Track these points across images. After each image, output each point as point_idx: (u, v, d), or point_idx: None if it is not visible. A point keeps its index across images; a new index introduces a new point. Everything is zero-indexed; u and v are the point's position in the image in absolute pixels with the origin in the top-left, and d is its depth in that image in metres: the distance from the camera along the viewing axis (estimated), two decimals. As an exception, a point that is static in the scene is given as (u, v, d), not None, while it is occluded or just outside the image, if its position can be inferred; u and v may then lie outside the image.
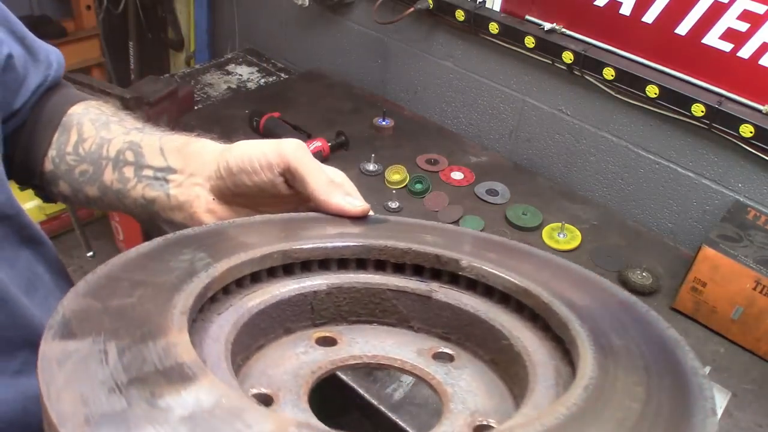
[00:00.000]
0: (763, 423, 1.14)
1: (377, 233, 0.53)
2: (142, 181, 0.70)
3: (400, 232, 0.54)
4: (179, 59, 2.77)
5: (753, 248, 1.28)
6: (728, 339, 1.29)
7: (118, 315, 0.38)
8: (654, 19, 1.43)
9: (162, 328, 0.37)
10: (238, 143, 0.64)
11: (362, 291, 0.50)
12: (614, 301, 0.47)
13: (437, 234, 0.55)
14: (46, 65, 0.76)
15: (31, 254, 0.71)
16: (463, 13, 1.69)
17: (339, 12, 2.08)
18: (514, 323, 0.47)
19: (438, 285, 0.51)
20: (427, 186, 1.61)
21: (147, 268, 0.44)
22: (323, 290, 0.50)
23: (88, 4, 2.57)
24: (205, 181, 0.65)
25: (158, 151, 0.70)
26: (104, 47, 2.70)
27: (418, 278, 0.51)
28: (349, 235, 0.52)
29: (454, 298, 0.50)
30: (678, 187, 1.57)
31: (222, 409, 0.31)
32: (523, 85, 1.74)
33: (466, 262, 0.49)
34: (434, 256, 0.50)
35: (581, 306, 0.45)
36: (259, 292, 0.48)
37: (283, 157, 0.60)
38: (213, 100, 2.06)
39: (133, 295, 0.40)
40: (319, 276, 0.50)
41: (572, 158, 1.73)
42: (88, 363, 0.33)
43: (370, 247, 0.50)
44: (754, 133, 1.34)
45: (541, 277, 0.49)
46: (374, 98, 2.01)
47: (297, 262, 0.50)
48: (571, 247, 1.48)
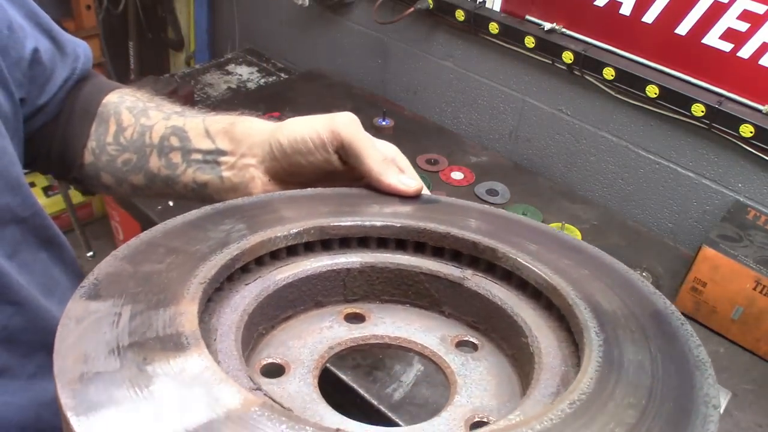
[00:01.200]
0: (763, 423, 1.14)
1: (423, 214, 0.52)
2: (191, 165, 0.68)
3: (447, 214, 0.53)
4: (179, 59, 2.76)
5: (753, 248, 1.28)
6: (728, 339, 1.29)
7: (143, 280, 0.40)
8: (654, 19, 1.43)
9: (176, 296, 0.38)
10: (288, 122, 0.63)
11: (395, 272, 0.50)
12: (648, 310, 0.44)
13: (484, 219, 0.53)
14: (73, 58, 0.75)
15: (49, 256, 0.70)
16: (463, 13, 1.69)
17: (339, 12, 2.08)
18: (538, 321, 0.46)
19: (472, 272, 0.50)
20: (427, 186, 1.60)
21: (186, 235, 0.45)
22: (356, 268, 0.49)
23: (88, 4, 2.57)
24: (258, 163, 0.64)
25: (204, 133, 0.68)
26: (104, 47, 2.70)
27: (455, 264, 0.50)
28: (394, 214, 0.52)
29: (485, 288, 0.49)
30: (678, 187, 1.57)
31: (200, 380, 0.33)
32: (523, 85, 1.74)
33: (502, 251, 0.48)
34: (472, 242, 0.49)
35: (608, 311, 0.43)
36: (292, 266, 0.48)
37: (336, 134, 0.59)
38: (213, 100, 2.06)
39: (164, 261, 0.42)
40: (356, 253, 0.50)
41: (572, 158, 1.73)
42: (101, 324, 0.36)
43: (409, 228, 0.50)
44: (754, 133, 1.34)
45: (579, 275, 0.47)
46: (374, 98, 2.01)
47: (335, 239, 0.49)
48: (571, 247, 1.48)
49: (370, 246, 0.51)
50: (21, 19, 0.68)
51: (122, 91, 0.78)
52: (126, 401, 0.32)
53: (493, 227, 0.52)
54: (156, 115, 0.73)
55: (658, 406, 0.36)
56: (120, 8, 2.65)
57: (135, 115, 0.73)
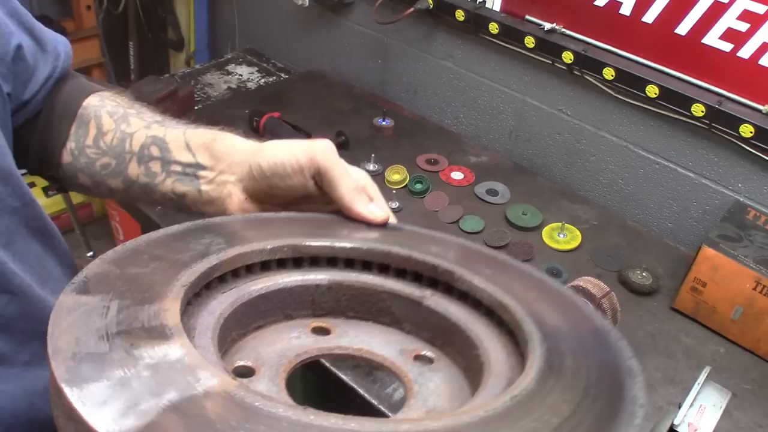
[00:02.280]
0: (763, 423, 1.14)
1: (388, 239, 0.57)
2: (171, 176, 0.70)
3: (410, 240, 0.58)
4: (179, 59, 2.77)
5: (753, 248, 1.28)
6: (728, 339, 1.29)
7: (129, 280, 0.44)
8: (654, 19, 1.43)
9: (161, 295, 0.42)
10: (268, 144, 0.65)
11: (360, 290, 0.54)
12: (588, 327, 0.49)
13: (444, 246, 0.58)
14: (54, 56, 0.76)
15: (42, 247, 0.71)
16: (463, 13, 1.69)
17: (339, 12, 2.08)
18: (489, 336, 0.51)
19: (431, 293, 0.54)
20: (427, 186, 1.61)
21: (168, 246, 0.49)
22: (324, 285, 0.54)
23: (88, 4, 2.57)
24: (237, 180, 0.67)
25: (184, 146, 0.70)
26: (104, 47, 2.70)
27: (416, 284, 0.55)
28: (362, 238, 0.57)
29: (443, 307, 0.53)
30: (678, 187, 1.57)
31: (182, 363, 0.36)
32: (523, 85, 1.74)
33: (459, 274, 0.53)
34: (432, 265, 0.54)
35: (552, 326, 0.47)
36: (265, 279, 0.52)
37: (315, 161, 0.62)
38: (213, 100, 2.06)
39: (149, 266, 0.46)
40: (325, 272, 0.54)
41: (572, 158, 1.73)
42: (91, 314, 0.39)
43: (374, 250, 0.55)
44: (754, 133, 1.34)
45: (527, 296, 0.51)
46: (374, 98, 2.01)
47: (306, 257, 0.54)
48: (571, 247, 1.48)
49: (338, 266, 0.55)
50: (3, 16, 0.68)
51: (102, 94, 0.79)
52: (115, 377, 0.35)
53: (451, 253, 0.57)
54: (136, 123, 0.74)
55: (590, 403, 0.39)
56: (120, 8, 2.65)
57: (115, 121, 0.75)
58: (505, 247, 1.46)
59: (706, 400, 0.87)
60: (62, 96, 0.76)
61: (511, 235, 1.48)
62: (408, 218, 1.53)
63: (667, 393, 1.17)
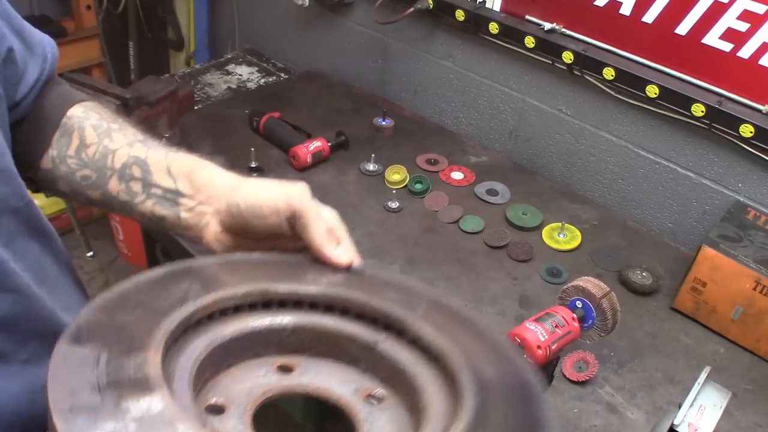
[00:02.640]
0: (763, 423, 1.14)
1: (350, 284, 0.63)
2: (151, 198, 0.73)
3: (370, 285, 0.63)
4: (179, 59, 2.76)
5: (753, 248, 1.28)
6: (728, 339, 1.29)
7: (117, 330, 0.48)
8: (654, 19, 1.43)
9: (144, 345, 0.47)
10: (246, 183, 0.69)
11: (322, 332, 0.59)
12: (517, 380, 0.55)
13: (402, 293, 0.63)
14: (42, 58, 0.77)
15: (39, 246, 0.72)
16: (463, 13, 1.69)
17: (339, 12, 2.08)
18: (434, 381, 0.55)
19: (385, 336, 0.59)
20: (427, 186, 1.61)
21: (150, 292, 0.54)
22: (290, 327, 0.59)
23: (88, 4, 2.56)
24: (214, 212, 0.70)
25: (165, 170, 0.72)
26: (104, 47, 2.70)
27: (372, 328, 0.60)
28: (327, 283, 0.62)
29: (394, 351, 0.58)
30: (678, 187, 1.57)
31: (163, 416, 0.41)
32: (523, 85, 1.74)
33: (411, 322, 0.58)
34: (386, 313, 0.59)
35: (487, 378, 0.53)
36: (236, 322, 0.57)
37: (291, 204, 0.65)
38: (213, 100, 2.06)
39: (134, 314, 0.50)
40: (291, 314, 0.59)
41: (572, 158, 1.73)
42: (84, 365, 0.44)
43: (336, 296, 0.60)
44: (754, 133, 1.34)
45: (471, 346, 0.56)
46: (374, 98, 2.01)
47: (274, 301, 0.59)
48: (571, 247, 1.48)
49: (303, 308, 0.60)
50: None
51: (86, 105, 0.80)
52: (107, 430, 0.40)
53: (407, 299, 0.62)
54: (119, 140, 0.76)
55: None
56: (120, 8, 2.65)
57: (98, 135, 0.76)
58: (505, 247, 1.46)
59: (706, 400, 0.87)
60: (47, 102, 0.77)
61: (511, 235, 1.48)
62: (408, 218, 1.53)
63: (667, 393, 1.17)
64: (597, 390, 1.16)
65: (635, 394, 1.16)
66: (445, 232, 1.50)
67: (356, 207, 1.55)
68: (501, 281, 1.38)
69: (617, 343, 1.26)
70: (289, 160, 1.66)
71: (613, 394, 1.16)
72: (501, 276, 1.39)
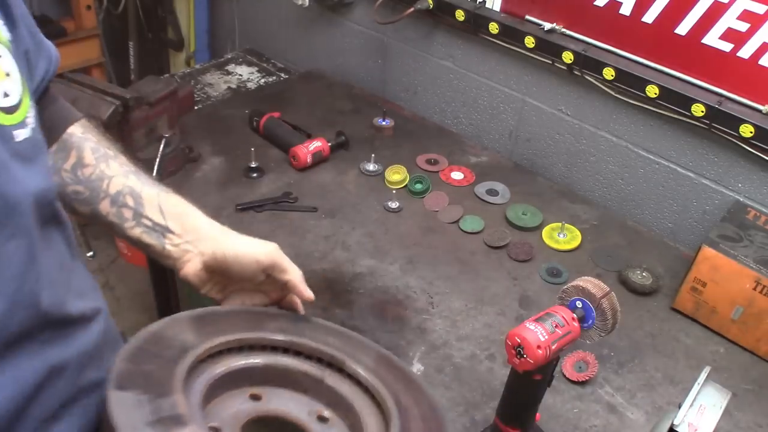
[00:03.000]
0: (763, 423, 1.14)
1: (305, 332, 0.83)
2: (140, 226, 0.84)
3: (319, 334, 0.83)
4: (179, 59, 2.76)
5: (753, 248, 1.28)
6: (728, 339, 1.29)
7: (145, 377, 0.64)
8: (654, 19, 1.43)
9: (170, 389, 0.64)
10: (231, 237, 0.85)
11: (282, 369, 0.78)
12: (426, 404, 0.77)
13: (344, 341, 0.84)
14: (47, 59, 0.79)
15: (59, 235, 0.74)
16: (463, 13, 1.69)
17: (339, 12, 2.08)
18: (367, 407, 0.76)
19: (330, 372, 0.79)
20: (427, 186, 1.61)
21: (159, 343, 0.71)
22: (260, 366, 0.77)
23: (88, 4, 2.56)
24: (198, 253, 0.84)
25: (157, 208, 0.84)
26: (104, 47, 2.70)
27: (320, 365, 0.80)
28: (287, 331, 0.81)
29: (336, 383, 0.78)
30: (678, 187, 1.57)
31: None
32: (523, 85, 1.74)
33: (349, 364, 0.79)
34: (330, 354, 0.80)
35: (404, 404, 0.75)
36: (224, 362, 0.75)
37: (271, 257, 0.83)
38: (213, 100, 2.06)
39: (153, 363, 0.67)
40: (261, 356, 0.78)
41: (572, 158, 1.73)
42: (134, 407, 0.60)
43: (295, 342, 0.80)
44: (754, 133, 1.34)
45: (389, 379, 0.78)
46: (374, 98, 2.01)
47: (249, 346, 0.78)
48: (571, 247, 1.48)
49: (268, 351, 0.79)
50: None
51: (84, 125, 0.87)
52: None
53: (347, 346, 0.83)
54: (116, 168, 0.85)
55: None
56: (120, 8, 2.65)
57: (96, 158, 0.84)
58: (505, 247, 1.46)
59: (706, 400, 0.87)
60: (48, 114, 0.80)
61: (511, 235, 1.48)
62: (408, 218, 1.53)
63: (667, 393, 1.17)
64: (597, 390, 1.16)
65: (635, 394, 1.16)
66: (445, 232, 1.50)
67: (356, 207, 1.55)
68: (501, 281, 1.38)
69: (617, 343, 1.26)
70: (289, 160, 1.66)
71: (613, 394, 1.16)
72: (501, 276, 1.39)
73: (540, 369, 0.88)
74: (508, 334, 0.87)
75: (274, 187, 1.59)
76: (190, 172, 1.61)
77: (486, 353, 1.21)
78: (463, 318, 1.28)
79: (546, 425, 1.08)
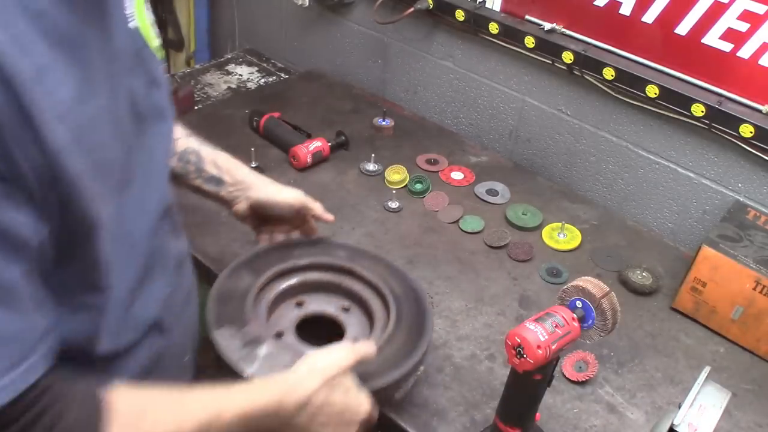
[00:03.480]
0: (763, 423, 1.14)
1: (322, 251, 1.16)
2: (200, 177, 1.08)
3: (332, 249, 1.17)
4: (179, 59, 2.76)
5: (753, 248, 1.28)
6: (728, 339, 1.29)
7: (229, 315, 0.99)
8: (654, 19, 1.43)
9: (247, 319, 0.98)
10: (269, 187, 1.12)
11: (312, 282, 1.13)
12: (413, 292, 1.11)
13: (350, 252, 1.18)
14: None
15: None
16: (463, 13, 1.69)
17: (339, 12, 2.08)
18: (375, 299, 1.10)
19: (345, 277, 1.13)
20: (427, 186, 1.61)
21: (229, 289, 1.04)
22: (297, 284, 1.12)
23: (88, 4, 2.56)
24: (244, 198, 1.11)
25: (213, 163, 1.09)
26: (104, 47, 2.69)
27: (337, 273, 1.13)
28: (310, 254, 1.15)
29: (350, 284, 1.12)
30: (678, 187, 1.57)
31: (272, 353, 0.93)
32: (523, 85, 1.74)
33: (357, 269, 1.12)
34: (342, 265, 1.13)
35: (397, 292, 1.10)
36: (273, 288, 1.09)
37: (301, 200, 1.13)
38: (213, 100, 2.06)
39: (230, 304, 1.00)
40: (296, 276, 1.12)
41: (572, 158, 1.73)
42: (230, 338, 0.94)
43: (317, 262, 1.14)
44: (754, 133, 1.34)
45: (387, 276, 1.13)
46: (374, 98, 2.01)
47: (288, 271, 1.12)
48: (571, 247, 1.48)
49: (301, 271, 1.13)
50: None
51: None
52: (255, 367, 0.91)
53: (354, 255, 1.16)
54: (180, 131, 1.06)
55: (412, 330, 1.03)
56: (120, 8, 2.65)
57: None
58: (505, 247, 1.46)
59: (706, 400, 0.87)
60: None
61: (511, 235, 1.48)
62: (408, 218, 1.53)
63: (667, 393, 1.17)
64: (597, 390, 1.16)
65: (635, 394, 1.16)
66: (445, 232, 1.50)
67: (356, 207, 1.55)
68: (501, 281, 1.38)
69: (617, 343, 1.26)
70: (289, 160, 1.66)
71: (613, 394, 1.16)
72: (501, 276, 1.39)
73: (540, 369, 0.88)
74: (508, 334, 0.87)
75: (274, 187, 1.59)
76: (190, 172, 1.61)
77: (486, 353, 1.21)
78: (463, 318, 1.28)
79: (546, 425, 1.08)
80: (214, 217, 1.47)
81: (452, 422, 1.08)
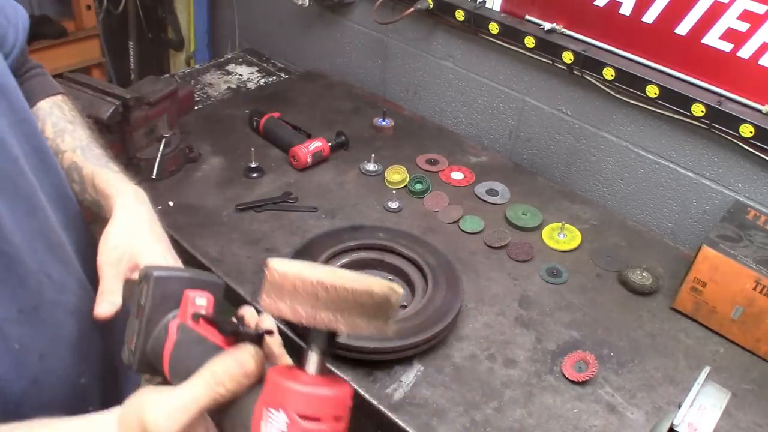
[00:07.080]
0: (763, 423, 1.14)
1: (366, 234, 1.38)
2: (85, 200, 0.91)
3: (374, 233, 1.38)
4: (179, 59, 2.76)
5: (753, 248, 1.28)
6: (728, 339, 1.29)
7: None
8: (654, 19, 1.43)
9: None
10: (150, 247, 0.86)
11: (360, 259, 1.33)
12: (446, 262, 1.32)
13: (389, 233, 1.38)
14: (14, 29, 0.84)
15: None
16: (463, 13, 1.69)
17: (339, 12, 2.08)
18: (414, 273, 1.31)
19: (387, 254, 1.34)
20: (427, 186, 1.61)
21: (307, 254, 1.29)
22: (348, 261, 1.32)
23: (88, 4, 2.56)
24: None
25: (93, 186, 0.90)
26: (104, 47, 2.70)
27: (380, 251, 1.35)
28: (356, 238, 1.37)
29: (392, 260, 1.33)
30: (678, 187, 1.57)
31: None
32: (523, 85, 1.74)
33: (396, 247, 1.34)
34: (383, 244, 1.34)
35: (431, 264, 1.30)
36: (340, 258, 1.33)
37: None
38: (213, 100, 2.06)
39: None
40: (347, 255, 1.33)
41: (572, 158, 1.73)
42: None
43: (363, 243, 1.35)
44: (754, 133, 1.34)
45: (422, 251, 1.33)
46: (374, 98, 2.01)
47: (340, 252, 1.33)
48: (571, 247, 1.48)
49: (351, 251, 1.33)
50: None
51: (55, 99, 0.94)
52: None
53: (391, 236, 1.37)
54: (69, 143, 0.91)
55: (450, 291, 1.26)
56: (120, 8, 2.65)
57: (55, 133, 0.91)
58: (505, 247, 1.46)
59: (706, 400, 0.87)
60: (23, 88, 0.83)
61: (511, 235, 1.48)
62: (408, 218, 1.53)
63: (667, 393, 1.17)
64: (597, 390, 1.16)
65: (635, 394, 1.16)
66: (445, 232, 1.50)
67: (356, 207, 1.55)
68: (501, 281, 1.38)
69: (617, 343, 1.26)
70: (289, 160, 1.66)
71: (613, 394, 1.16)
72: (501, 276, 1.39)
73: None
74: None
75: (274, 187, 1.59)
76: (190, 172, 1.61)
77: (486, 353, 1.21)
78: (463, 318, 1.28)
79: (546, 425, 1.08)
80: (214, 217, 1.47)
81: (452, 422, 1.08)
